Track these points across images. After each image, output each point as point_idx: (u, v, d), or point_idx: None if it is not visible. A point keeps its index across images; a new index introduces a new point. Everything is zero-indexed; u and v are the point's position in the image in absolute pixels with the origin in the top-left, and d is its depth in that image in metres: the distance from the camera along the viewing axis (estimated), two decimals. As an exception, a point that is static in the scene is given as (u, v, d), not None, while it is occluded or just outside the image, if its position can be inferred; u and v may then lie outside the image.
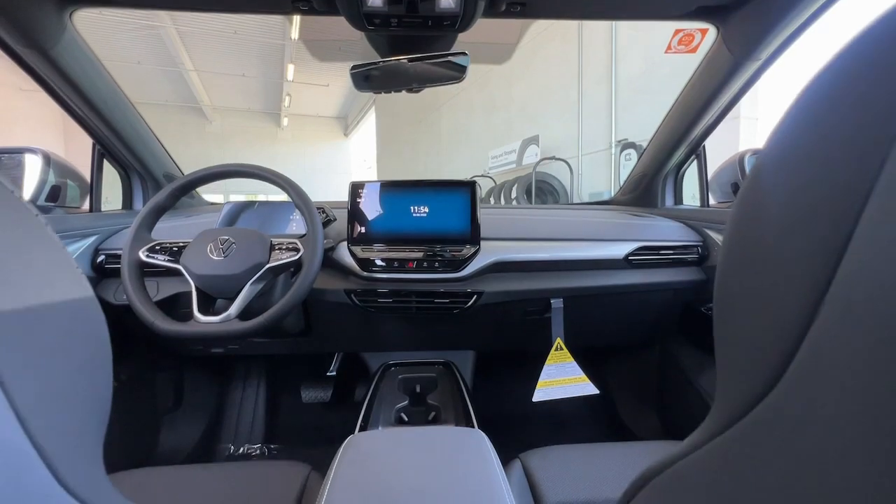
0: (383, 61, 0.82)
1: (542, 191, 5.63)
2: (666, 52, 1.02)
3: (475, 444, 0.56)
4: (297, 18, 6.56)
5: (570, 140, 5.58)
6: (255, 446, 1.34)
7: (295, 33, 7.51)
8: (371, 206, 1.00)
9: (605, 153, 5.17)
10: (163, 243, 0.83)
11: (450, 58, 0.81)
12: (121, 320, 0.94)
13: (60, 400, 0.18)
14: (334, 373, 1.32)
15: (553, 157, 5.53)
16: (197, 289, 0.79)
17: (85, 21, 0.85)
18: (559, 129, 5.77)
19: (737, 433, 0.18)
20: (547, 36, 5.80)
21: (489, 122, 7.29)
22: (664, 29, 0.96)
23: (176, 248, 0.82)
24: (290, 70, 9.29)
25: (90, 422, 0.20)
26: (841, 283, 0.14)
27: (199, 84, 10.44)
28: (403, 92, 0.92)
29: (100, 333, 0.22)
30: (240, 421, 1.38)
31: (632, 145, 4.57)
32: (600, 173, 5.28)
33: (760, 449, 0.17)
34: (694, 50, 0.98)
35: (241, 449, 1.33)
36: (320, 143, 14.53)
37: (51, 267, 0.19)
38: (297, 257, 0.81)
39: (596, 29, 5.15)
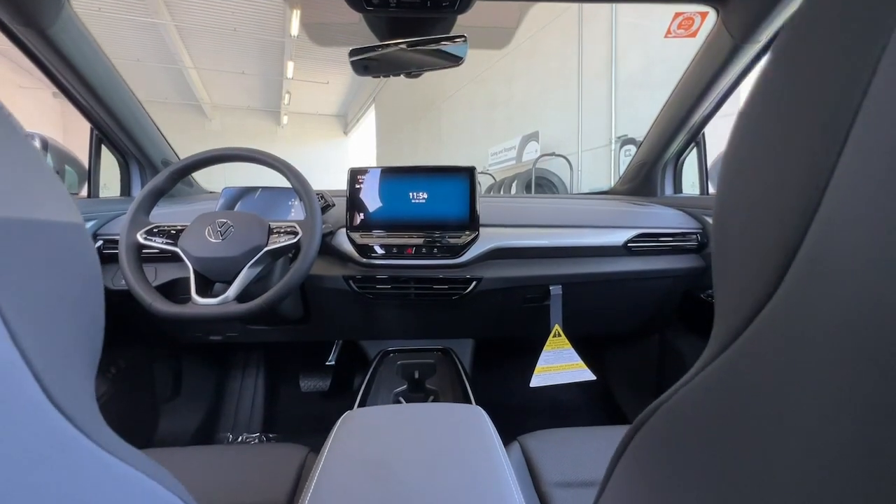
0: (382, 45, 0.82)
1: (541, 187, 5.62)
2: (666, 36, 1.01)
3: (474, 420, 0.55)
4: (297, 12, 6.54)
5: (570, 136, 5.57)
6: (254, 435, 1.34)
7: (294, 30, 7.49)
8: (370, 193, 0.99)
9: (604, 149, 5.16)
10: (161, 226, 0.83)
11: (448, 41, 0.81)
12: (119, 306, 0.94)
13: (52, 316, 0.18)
14: (333, 362, 1.32)
15: (553, 154, 5.52)
16: (195, 272, 0.79)
17: (84, 16, 0.85)
18: (559, 126, 5.76)
19: (733, 353, 0.18)
20: (547, 32, 5.79)
21: (489, 118, 7.28)
22: (664, 22, 0.96)
23: (174, 231, 0.82)
24: (290, 67, 9.28)
25: (82, 343, 0.20)
26: (834, 191, 0.14)
27: (199, 82, 10.43)
28: (402, 77, 0.92)
29: (90, 258, 0.22)
30: (238, 409, 1.38)
31: (631, 141, 4.56)
32: (600, 169, 5.27)
33: (757, 363, 0.17)
34: (694, 34, 0.98)
35: (240, 437, 1.33)
36: (320, 141, 14.52)
37: (42, 188, 0.19)
38: (295, 240, 0.81)
39: (596, 24, 5.14)
